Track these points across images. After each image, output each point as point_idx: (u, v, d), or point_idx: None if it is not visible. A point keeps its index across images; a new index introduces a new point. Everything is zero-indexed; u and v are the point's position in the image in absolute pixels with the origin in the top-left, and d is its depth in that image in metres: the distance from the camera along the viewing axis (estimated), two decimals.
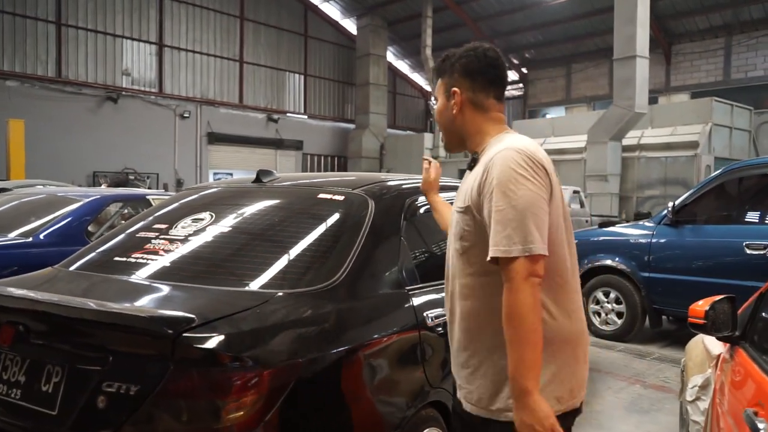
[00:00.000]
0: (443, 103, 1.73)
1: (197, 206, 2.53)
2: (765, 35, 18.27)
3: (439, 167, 2.41)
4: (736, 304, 2.25)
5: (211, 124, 20.26)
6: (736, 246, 4.78)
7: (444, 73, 1.74)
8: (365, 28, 23.32)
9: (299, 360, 1.71)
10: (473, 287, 1.58)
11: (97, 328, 1.68)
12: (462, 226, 1.59)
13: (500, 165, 1.48)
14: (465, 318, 1.61)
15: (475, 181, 1.56)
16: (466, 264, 1.59)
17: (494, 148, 1.58)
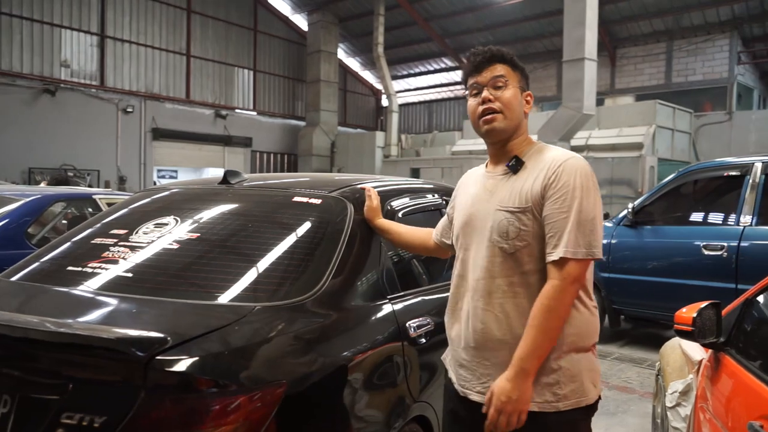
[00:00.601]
0: (518, 94, 1.75)
1: (159, 209, 2.33)
2: (704, 41, 18.98)
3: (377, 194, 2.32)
4: (720, 309, 2.23)
5: (156, 119, 19.55)
6: (693, 246, 4.86)
7: (517, 68, 1.77)
8: (316, 24, 23.02)
9: (283, 381, 1.56)
10: (525, 285, 1.63)
11: (52, 350, 1.48)
12: (518, 226, 1.62)
13: (574, 173, 1.59)
14: (514, 316, 1.63)
15: (535, 183, 1.63)
16: (515, 263, 1.63)
17: (548, 154, 1.68)
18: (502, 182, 1.71)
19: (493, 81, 1.72)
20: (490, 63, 1.74)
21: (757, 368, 1.87)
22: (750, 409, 1.74)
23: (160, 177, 20.23)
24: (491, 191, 1.72)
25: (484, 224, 1.69)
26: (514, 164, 1.70)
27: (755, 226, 4.58)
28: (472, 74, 1.77)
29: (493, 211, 1.67)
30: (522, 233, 1.61)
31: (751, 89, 20.17)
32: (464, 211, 1.79)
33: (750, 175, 4.73)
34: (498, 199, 1.68)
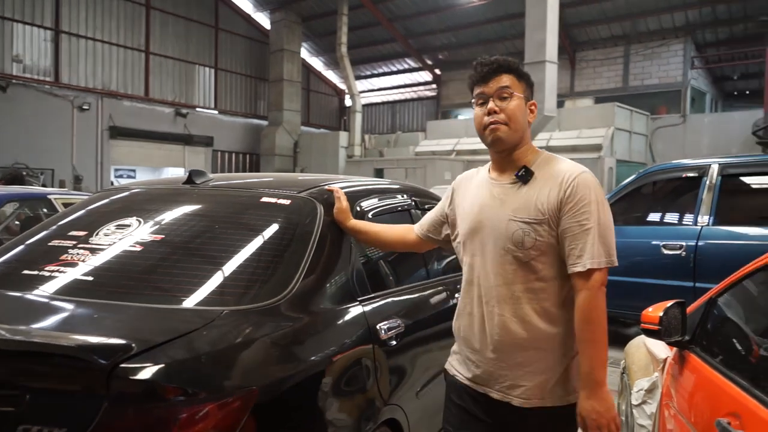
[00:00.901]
0: (523, 104, 1.78)
1: (121, 210, 2.24)
2: (659, 46, 19.50)
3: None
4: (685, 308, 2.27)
5: (114, 117, 19.03)
6: (653, 246, 4.97)
7: (523, 78, 1.81)
8: (279, 23, 22.80)
9: (254, 388, 1.51)
10: (541, 292, 1.71)
11: (7, 359, 1.40)
12: (534, 237, 1.68)
13: (589, 187, 1.68)
14: (530, 320, 1.71)
15: (550, 195, 1.69)
16: (529, 271, 1.70)
17: (559, 166, 1.75)
18: (512, 191, 1.76)
19: (498, 92, 1.76)
20: (497, 73, 1.77)
21: (721, 366, 1.91)
22: (717, 406, 1.77)
23: (117, 176, 19.72)
24: (501, 200, 1.76)
25: (496, 232, 1.74)
26: (524, 174, 1.75)
27: (712, 226, 4.71)
28: (478, 84, 1.80)
29: (506, 221, 1.72)
30: (537, 243, 1.68)
31: (704, 93, 20.83)
32: (471, 218, 1.82)
33: (707, 176, 4.85)
34: (510, 208, 1.73)
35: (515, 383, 1.72)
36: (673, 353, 2.39)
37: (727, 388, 1.75)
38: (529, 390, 1.71)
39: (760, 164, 4.98)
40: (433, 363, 2.58)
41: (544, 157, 1.80)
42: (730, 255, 4.47)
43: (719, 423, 1.62)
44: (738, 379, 1.73)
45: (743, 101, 22.80)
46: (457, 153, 18.35)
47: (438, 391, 2.64)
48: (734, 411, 1.63)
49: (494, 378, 1.76)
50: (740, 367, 1.83)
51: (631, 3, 18.60)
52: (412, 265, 2.85)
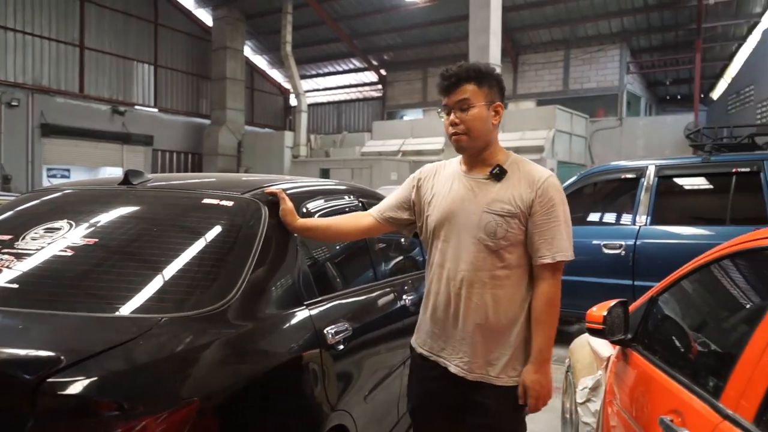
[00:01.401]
0: (484, 111, 1.91)
1: (51, 212, 2.11)
2: (597, 51, 20.16)
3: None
4: (627, 307, 2.31)
5: (46, 114, 18.18)
6: (594, 246, 5.09)
7: (485, 83, 1.91)
8: (221, 20, 22.32)
9: (194, 399, 1.44)
10: (504, 279, 1.89)
11: None
12: (506, 228, 1.86)
13: (557, 189, 1.90)
14: (491, 305, 1.89)
15: (523, 193, 1.88)
16: (497, 259, 1.88)
17: (529, 167, 1.94)
18: (485, 186, 1.93)
19: (458, 104, 1.90)
20: (458, 85, 1.90)
21: (663, 363, 1.95)
22: (659, 403, 1.80)
23: (50, 176, 18.83)
24: (475, 192, 1.93)
25: (469, 222, 1.90)
26: (497, 173, 1.92)
27: (649, 225, 4.87)
28: (441, 95, 1.95)
29: (479, 212, 1.89)
30: (508, 234, 1.87)
31: (639, 97, 21.67)
32: (444, 206, 1.97)
33: (644, 177, 5.02)
34: (484, 201, 1.90)
35: (472, 360, 1.91)
36: (616, 351, 2.44)
37: (669, 385, 1.79)
38: (483, 367, 1.90)
39: (693, 166, 5.19)
40: (381, 366, 2.55)
41: (514, 158, 1.98)
42: (666, 254, 4.63)
43: (662, 421, 1.65)
44: (679, 377, 1.76)
45: (675, 106, 23.86)
46: (403, 153, 18.43)
47: (386, 395, 2.62)
48: (676, 408, 1.66)
49: (455, 353, 1.94)
50: (680, 365, 1.86)
51: (570, 8, 19.14)
52: (360, 267, 2.82)
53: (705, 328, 2.02)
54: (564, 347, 3.38)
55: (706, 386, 1.60)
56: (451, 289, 1.94)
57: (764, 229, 1.81)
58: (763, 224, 3.93)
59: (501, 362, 1.90)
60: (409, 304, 2.88)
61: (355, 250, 2.85)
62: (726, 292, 2.04)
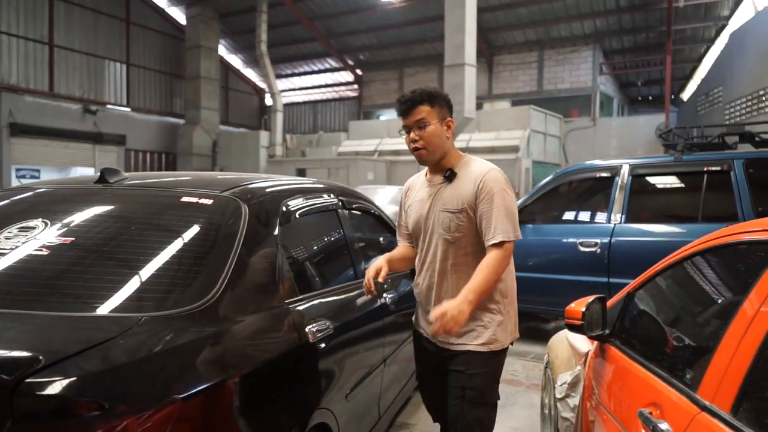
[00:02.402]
0: (438, 127, 2.23)
1: (24, 211, 2.07)
2: (570, 52, 20.43)
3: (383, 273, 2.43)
4: (605, 303, 2.34)
5: (15, 113, 17.79)
6: (570, 244, 5.15)
7: (436, 104, 2.23)
8: (195, 19, 22.08)
9: (176, 398, 1.42)
10: (464, 264, 2.23)
11: None
12: (457, 223, 2.22)
13: (495, 180, 2.19)
14: (458, 286, 2.16)
15: (467, 189, 2.21)
16: (457, 249, 2.24)
17: (474, 166, 2.27)
18: (441, 189, 2.28)
19: (416, 123, 2.22)
20: (413, 107, 2.21)
21: (640, 357, 1.98)
22: (638, 397, 1.83)
23: (19, 177, 18.42)
24: (434, 196, 2.28)
25: (433, 222, 2.27)
26: (449, 176, 2.27)
27: (624, 223, 4.94)
28: (401, 117, 2.25)
29: (437, 212, 2.26)
30: (460, 227, 2.21)
31: (612, 98, 22.00)
32: (416, 213, 2.35)
33: (619, 176, 5.09)
34: (441, 202, 2.26)
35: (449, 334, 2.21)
36: (595, 347, 2.47)
37: (647, 378, 1.82)
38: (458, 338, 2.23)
39: (666, 165, 5.28)
40: (362, 364, 2.55)
41: (465, 160, 2.30)
42: (640, 251, 4.70)
43: (641, 413, 1.67)
44: (656, 370, 1.79)
45: (647, 106, 24.29)
46: (379, 153, 18.43)
47: (367, 393, 2.62)
48: (654, 401, 1.69)
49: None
50: (658, 359, 1.90)
51: (544, 10, 19.35)
52: (340, 266, 2.81)
53: (681, 323, 2.06)
54: (542, 344, 3.41)
55: (683, 379, 1.62)
56: (429, 277, 2.31)
57: (734, 226, 1.86)
58: (733, 221, 4.02)
59: (472, 333, 2.22)
60: (389, 302, 2.88)
61: (336, 249, 2.84)
62: (700, 287, 2.08)
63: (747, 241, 1.70)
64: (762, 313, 1.36)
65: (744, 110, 14.23)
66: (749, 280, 1.49)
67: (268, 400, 1.80)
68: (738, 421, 1.27)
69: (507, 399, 4.19)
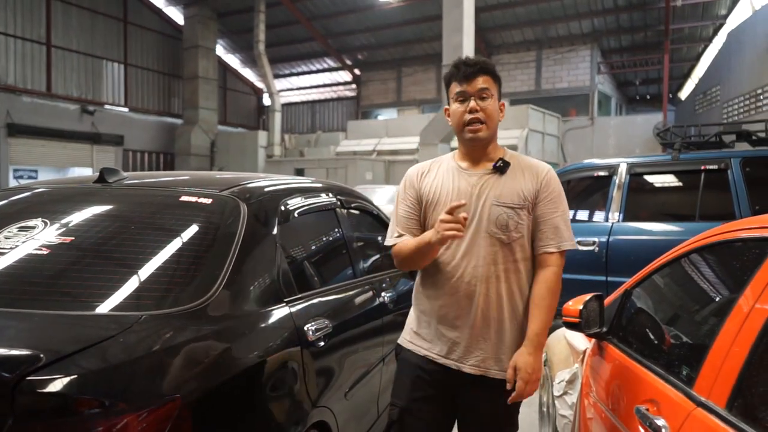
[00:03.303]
0: (497, 105, 1.95)
1: (24, 211, 2.08)
2: (568, 51, 20.46)
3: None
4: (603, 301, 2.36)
5: (12, 113, 17.76)
6: None
7: (496, 79, 1.97)
8: (193, 19, 22.07)
9: (177, 396, 1.43)
10: (514, 270, 1.92)
11: None
12: (516, 220, 1.89)
13: (558, 182, 1.97)
14: (506, 298, 1.91)
15: (527, 184, 1.93)
16: (509, 252, 1.90)
17: (528, 161, 2.01)
18: (490, 181, 1.93)
19: (479, 92, 1.91)
20: (479, 74, 1.91)
21: (638, 355, 1.99)
22: (635, 394, 1.84)
23: (17, 177, 18.40)
24: (480, 187, 1.93)
25: (478, 217, 1.90)
26: (501, 165, 1.94)
27: (622, 222, 4.96)
28: (460, 82, 1.93)
29: (488, 206, 1.90)
30: (519, 226, 1.89)
31: (610, 97, 22.03)
32: (449, 203, 1.86)
33: (616, 175, 5.11)
34: (493, 195, 1.91)
35: (487, 356, 1.90)
36: (592, 344, 2.48)
37: (644, 375, 1.83)
38: (495, 362, 1.90)
39: (663, 164, 5.29)
40: (360, 363, 2.56)
41: (511, 153, 2.02)
42: (638, 250, 4.72)
43: (638, 410, 1.69)
44: (653, 367, 1.81)
45: (645, 105, 24.34)
46: (378, 153, 18.45)
47: (366, 392, 2.63)
48: (651, 397, 1.70)
49: (470, 352, 1.91)
50: (655, 356, 1.91)
51: (542, 9, 19.37)
52: (339, 264, 2.82)
53: (677, 320, 2.07)
54: None
55: (679, 375, 1.64)
56: (463, 287, 1.90)
57: (730, 223, 1.87)
58: (730, 220, 4.04)
59: (508, 356, 1.90)
60: (387, 301, 2.89)
61: (334, 248, 2.85)
62: (696, 284, 2.10)
63: (742, 239, 1.71)
64: (757, 309, 1.37)
65: (741, 109, 14.26)
66: (744, 277, 1.50)
67: (268, 398, 1.81)
68: (733, 417, 1.28)
69: None
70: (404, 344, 2.06)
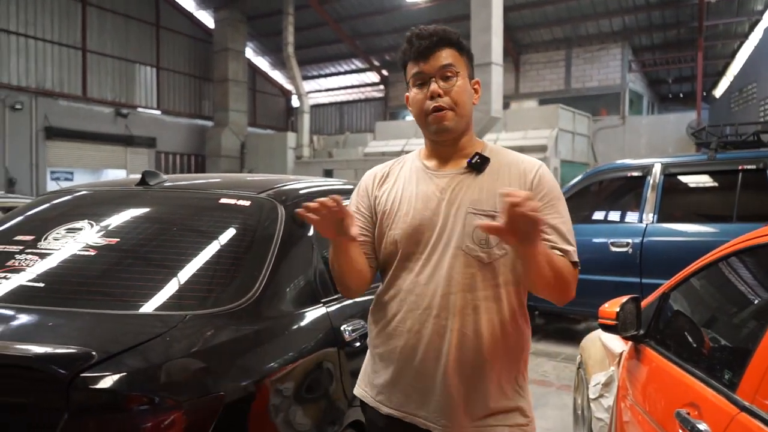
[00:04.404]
0: (467, 84, 1.55)
1: (70, 213, 2.15)
2: (599, 49, 20.16)
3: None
4: (640, 303, 2.34)
5: (49, 117, 18.23)
6: (601, 244, 5.11)
7: (464, 52, 1.56)
8: (223, 22, 22.36)
9: (221, 393, 1.47)
10: (496, 299, 1.47)
11: None
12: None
13: (554, 181, 1.53)
14: (486, 335, 1.45)
15: (512, 184, 1.48)
16: (492, 274, 1.46)
17: (512, 156, 1.57)
18: (464, 182, 1.50)
19: (441, 71, 1.50)
20: (437, 48, 1.50)
21: (677, 358, 1.97)
22: (675, 397, 1.83)
23: (54, 179, 18.88)
24: (452, 191, 1.50)
25: (450, 230, 1.47)
26: (478, 162, 1.51)
27: (656, 223, 4.89)
28: (415, 61, 1.52)
29: (462, 215, 1.46)
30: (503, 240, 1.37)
31: (641, 96, 21.67)
32: (412, 215, 1.51)
33: (650, 175, 5.04)
34: (467, 200, 1.47)
35: (466, 411, 1.46)
36: (629, 347, 2.46)
37: (684, 379, 1.81)
38: (481, 417, 1.46)
39: (698, 164, 5.21)
40: None
41: (491, 147, 1.59)
42: (673, 251, 4.65)
43: (679, 413, 1.67)
44: (694, 371, 1.79)
45: (677, 104, 23.87)
46: (405, 153, 18.44)
47: None
48: (692, 401, 1.69)
49: (440, 408, 1.46)
50: (695, 359, 1.89)
51: (571, 8, 19.15)
52: None
53: (718, 324, 2.04)
54: (572, 345, 3.40)
55: (722, 379, 1.62)
56: (429, 321, 1.46)
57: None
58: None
59: (500, 405, 1.48)
60: None
61: None
62: (736, 288, 2.07)
63: None
64: None
65: None
66: None
67: (306, 396, 1.84)
68: None
69: (538, 400, 4.18)
70: (363, 398, 1.64)
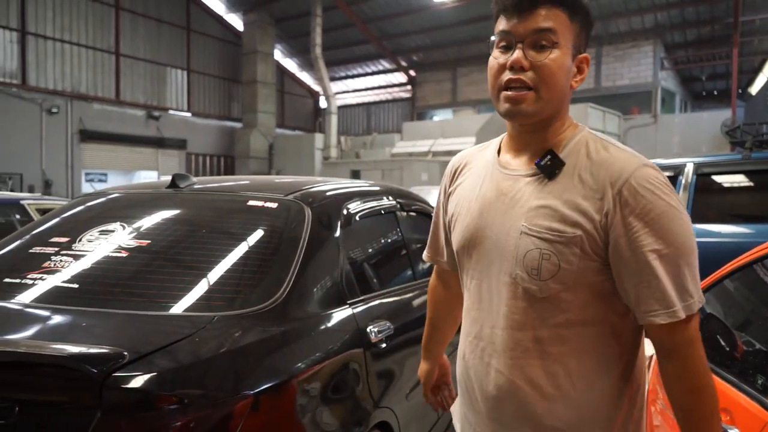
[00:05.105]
0: (568, 60, 1.14)
1: (103, 215, 2.20)
2: (629, 47, 19.85)
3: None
4: None
5: (84, 120, 18.70)
6: None
7: (576, 17, 1.15)
8: (252, 24, 22.64)
9: (249, 393, 1.49)
10: (558, 342, 1.11)
11: None
12: (557, 262, 1.07)
13: (657, 188, 1.06)
14: (544, 384, 1.12)
15: (588, 199, 1.08)
16: (551, 311, 1.11)
17: (604, 154, 1.12)
18: (528, 187, 1.15)
19: (534, 36, 1.12)
20: (541, 3, 1.11)
21: (708, 362, 1.93)
22: None
23: (88, 180, 19.35)
24: (512, 198, 1.16)
25: (501, 247, 1.15)
26: (548, 164, 1.13)
27: None
28: (507, 14, 1.15)
29: (516, 233, 1.12)
30: (561, 273, 1.08)
31: (674, 94, 21.25)
32: (468, 222, 1.23)
33: (683, 175, 4.94)
34: (524, 213, 1.13)
35: None
36: None
37: (716, 384, 1.78)
38: None
39: (732, 163, 5.08)
40: None
41: (582, 138, 1.16)
42: (706, 252, 4.54)
43: None
44: (726, 375, 1.76)
45: (711, 102, 23.35)
46: (433, 154, 18.41)
47: None
48: (724, 407, 1.65)
49: None
50: (727, 364, 1.85)
51: (602, 5, 18.88)
52: (399, 266, 2.85)
53: (752, 328, 2.00)
54: None
55: (755, 385, 1.59)
56: (478, 353, 1.20)
57: None
58: None
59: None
60: None
61: (394, 250, 2.88)
62: None
63: None
64: None
65: None
66: None
67: (332, 397, 1.85)
68: None
69: None
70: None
